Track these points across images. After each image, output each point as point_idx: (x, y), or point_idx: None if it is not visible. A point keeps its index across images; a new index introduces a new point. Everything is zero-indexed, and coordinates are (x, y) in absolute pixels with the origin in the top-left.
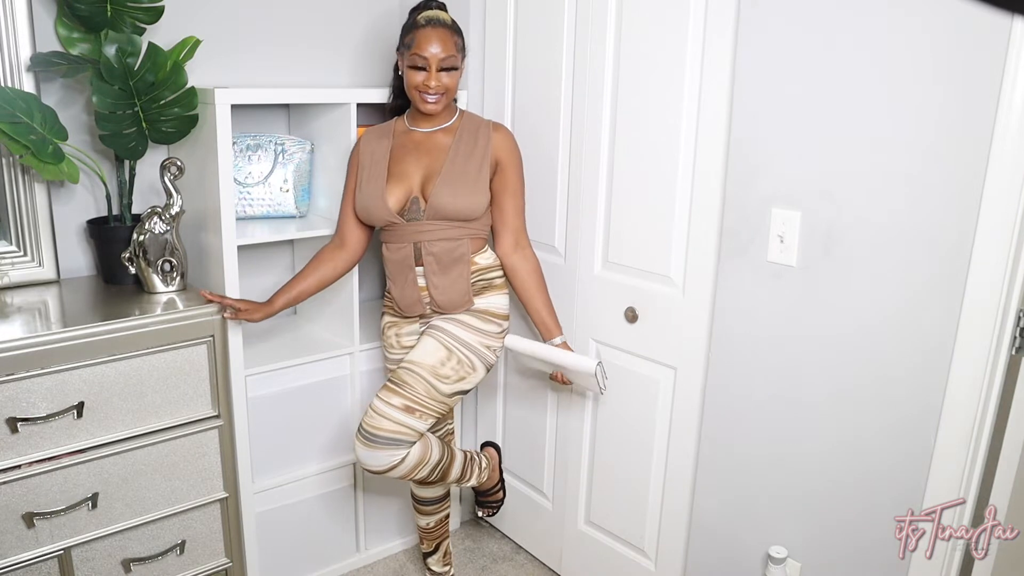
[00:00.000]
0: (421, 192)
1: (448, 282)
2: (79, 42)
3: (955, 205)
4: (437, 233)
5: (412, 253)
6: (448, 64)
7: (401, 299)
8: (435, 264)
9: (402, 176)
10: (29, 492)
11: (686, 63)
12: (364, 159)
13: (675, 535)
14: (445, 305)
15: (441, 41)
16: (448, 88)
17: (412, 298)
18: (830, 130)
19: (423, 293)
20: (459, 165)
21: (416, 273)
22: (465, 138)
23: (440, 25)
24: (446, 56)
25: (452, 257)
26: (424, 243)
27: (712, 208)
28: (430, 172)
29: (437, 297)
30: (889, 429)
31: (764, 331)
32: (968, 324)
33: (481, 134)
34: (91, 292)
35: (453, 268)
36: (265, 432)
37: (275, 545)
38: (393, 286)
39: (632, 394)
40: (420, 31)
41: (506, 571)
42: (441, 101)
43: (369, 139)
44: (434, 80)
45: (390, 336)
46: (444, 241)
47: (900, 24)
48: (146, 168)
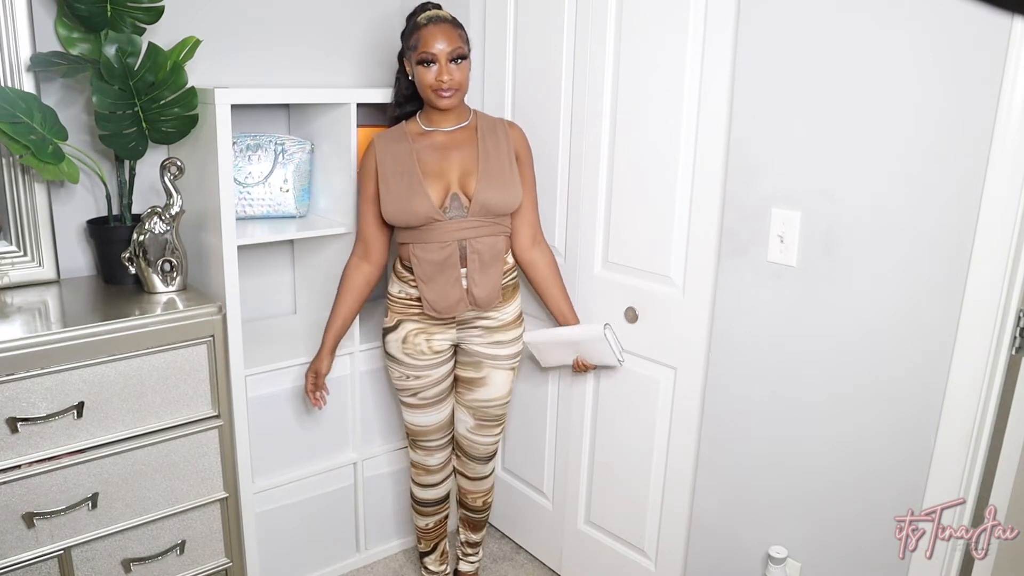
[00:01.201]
0: (461, 189)
1: (487, 279)
2: (79, 42)
3: (955, 205)
4: (481, 230)
5: (456, 251)
6: (456, 54)
7: (439, 300)
8: (478, 262)
9: (438, 174)
10: (29, 492)
11: (686, 63)
12: (384, 163)
13: (675, 535)
14: (483, 301)
15: (445, 35)
16: (461, 82)
17: (454, 298)
18: (830, 130)
19: (465, 292)
20: (493, 160)
21: (460, 273)
22: (487, 135)
23: (441, 21)
24: (453, 48)
25: (492, 254)
26: (469, 241)
27: (712, 208)
28: (465, 169)
29: (478, 294)
30: (889, 429)
31: (764, 331)
32: (968, 324)
33: (499, 130)
34: (91, 292)
35: (492, 265)
36: (265, 432)
37: (275, 545)
38: (427, 288)
39: (632, 394)
40: (423, 30)
41: (506, 571)
42: (456, 96)
43: (384, 144)
44: (446, 74)
45: (418, 343)
46: (487, 238)
47: (900, 24)
48: (146, 168)
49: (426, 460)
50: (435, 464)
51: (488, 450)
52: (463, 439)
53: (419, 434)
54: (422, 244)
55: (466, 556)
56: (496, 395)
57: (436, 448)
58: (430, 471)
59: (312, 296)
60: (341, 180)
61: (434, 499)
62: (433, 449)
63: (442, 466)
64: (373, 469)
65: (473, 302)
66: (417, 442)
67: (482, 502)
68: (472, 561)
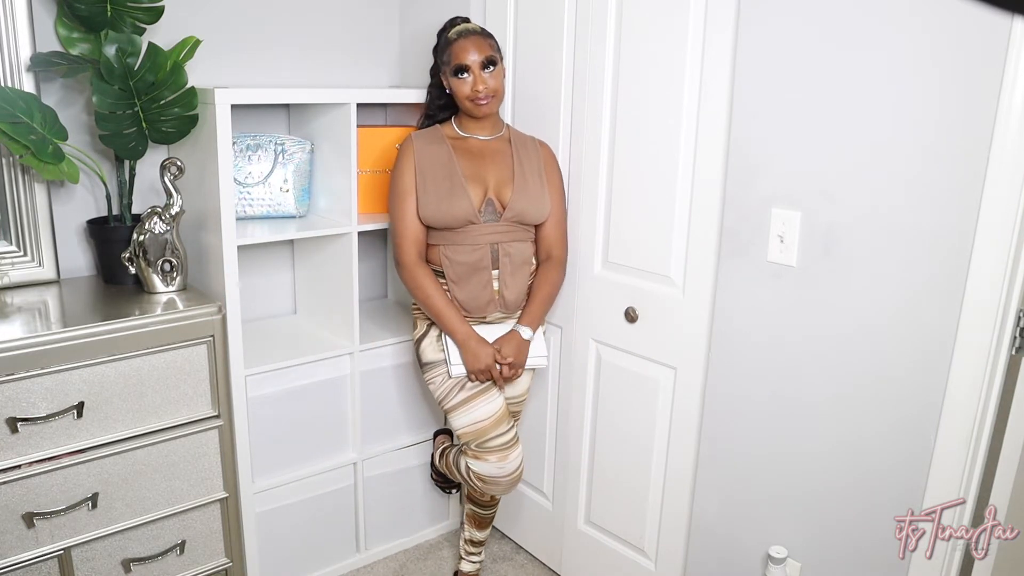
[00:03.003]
0: (496, 195)
1: (516, 281)
2: (79, 42)
3: (955, 205)
4: (513, 235)
5: (489, 254)
6: (488, 61)
7: (471, 300)
8: (509, 265)
9: (476, 179)
10: (29, 492)
11: (686, 63)
12: (423, 163)
13: (675, 535)
14: (512, 303)
15: (476, 47)
16: (496, 88)
17: (485, 298)
18: (830, 130)
19: (496, 294)
20: (527, 172)
21: (492, 275)
22: (520, 149)
23: (471, 34)
24: (484, 57)
25: (523, 258)
26: (501, 244)
27: (712, 208)
28: (501, 176)
29: (508, 296)
30: (889, 429)
31: (764, 331)
32: (968, 324)
33: (531, 147)
34: (91, 292)
35: (521, 269)
36: (265, 432)
37: (275, 545)
38: (459, 289)
39: (632, 394)
40: (455, 44)
41: (506, 571)
42: (493, 102)
43: (421, 144)
44: (481, 84)
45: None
46: (518, 243)
47: (900, 24)
48: (146, 168)
49: (502, 468)
50: (509, 470)
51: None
52: None
53: (485, 431)
54: (455, 246)
55: (469, 555)
56: (516, 393)
57: (507, 446)
58: (501, 481)
59: (312, 296)
60: (341, 180)
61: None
62: (501, 447)
63: (516, 470)
64: (373, 469)
65: (503, 304)
66: (484, 445)
67: (490, 497)
68: (474, 561)
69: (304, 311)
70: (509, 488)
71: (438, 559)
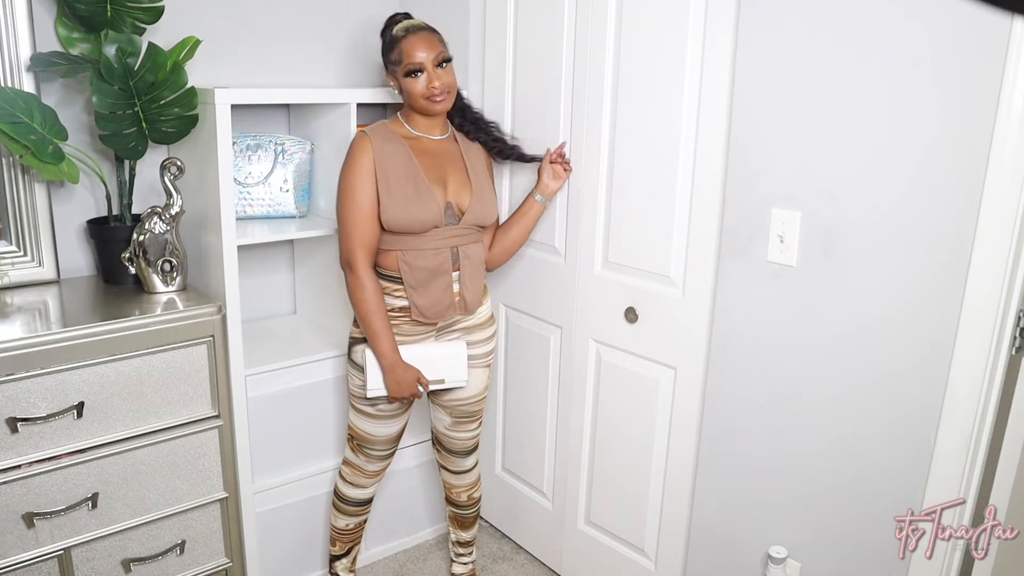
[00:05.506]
0: (454, 198)
1: (475, 283)
2: (79, 42)
3: (955, 205)
4: (470, 237)
5: (449, 257)
6: (441, 59)
7: (432, 307)
8: (469, 267)
9: (438, 181)
10: (29, 492)
11: (686, 63)
12: (384, 163)
13: (675, 535)
14: (472, 304)
15: (426, 43)
16: (451, 84)
17: (446, 303)
18: (830, 130)
19: (456, 296)
20: (479, 174)
21: (453, 278)
22: (466, 148)
23: (418, 30)
24: (436, 54)
25: (479, 259)
26: (460, 247)
27: (712, 208)
28: (458, 179)
29: (468, 297)
30: (889, 429)
31: (764, 331)
32: (968, 324)
33: (474, 148)
34: (91, 292)
35: (478, 270)
36: (265, 432)
37: (275, 545)
38: (418, 294)
39: (632, 394)
40: (403, 42)
41: (506, 571)
42: (448, 99)
43: (379, 142)
44: (436, 80)
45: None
46: (475, 244)
47: (900, 24)
48: (146, 168)
49: (366, 466)
50: (373, 470)
51: (467, 444)
52: (441, 435)
53: (367, 442)
54: (416, 251)
55: (459, 557)
56: (473, 393)
57: (379, 458)
58: (365, 475)
59: (312, 296)
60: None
61: (361, 499)
62: (376, 458)
63: (379, 472)
64: None
65: (463, 306)
66: (361, 447)
67: (467, 497)
68: (465, 563)
69: (304, 311)
70: (365, 496)
71: (438, 559)
